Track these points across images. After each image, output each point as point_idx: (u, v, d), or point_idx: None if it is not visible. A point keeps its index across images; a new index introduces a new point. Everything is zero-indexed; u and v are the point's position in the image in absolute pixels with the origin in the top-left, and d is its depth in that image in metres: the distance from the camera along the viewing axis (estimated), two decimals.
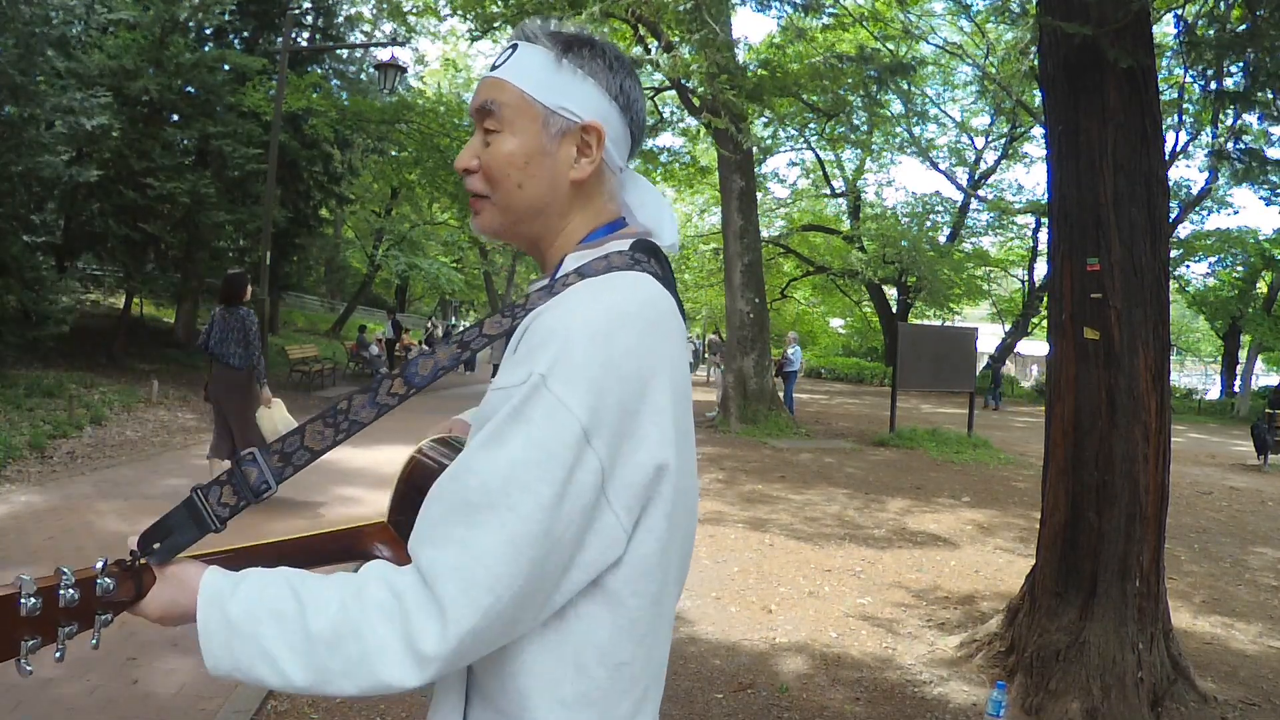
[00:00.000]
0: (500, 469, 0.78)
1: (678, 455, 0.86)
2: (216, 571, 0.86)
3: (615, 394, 0.80)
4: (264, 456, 0.89)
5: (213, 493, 0.88)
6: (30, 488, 6.19)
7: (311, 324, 27.52)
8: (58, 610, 0.83)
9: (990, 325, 33.00)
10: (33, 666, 0.83)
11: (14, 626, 0.81)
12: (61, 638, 0.85)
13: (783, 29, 11.74)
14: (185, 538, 0.88)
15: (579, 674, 0.85)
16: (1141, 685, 3.27)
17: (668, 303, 0.91)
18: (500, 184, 0.93)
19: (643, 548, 0.85)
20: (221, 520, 0.88)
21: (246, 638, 0.81)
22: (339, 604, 0.79)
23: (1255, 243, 22.71)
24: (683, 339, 0.93)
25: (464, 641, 0.77)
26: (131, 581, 0.87)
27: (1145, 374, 3.47)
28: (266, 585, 0.83)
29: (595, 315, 0.82)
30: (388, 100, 15.19)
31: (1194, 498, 8.83)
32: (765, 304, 13.95)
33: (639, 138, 0.99)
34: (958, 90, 24.11)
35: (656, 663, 0.94)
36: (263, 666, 0.80)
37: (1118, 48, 3.30)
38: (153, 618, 0.88)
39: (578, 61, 0.93)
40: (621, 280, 0.88)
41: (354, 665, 0.78)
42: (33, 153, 9.30)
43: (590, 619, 0.85)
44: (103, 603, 0.86)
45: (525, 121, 0.92)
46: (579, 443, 0.78)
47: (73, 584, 0.83)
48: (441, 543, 0.78)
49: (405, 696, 3.25)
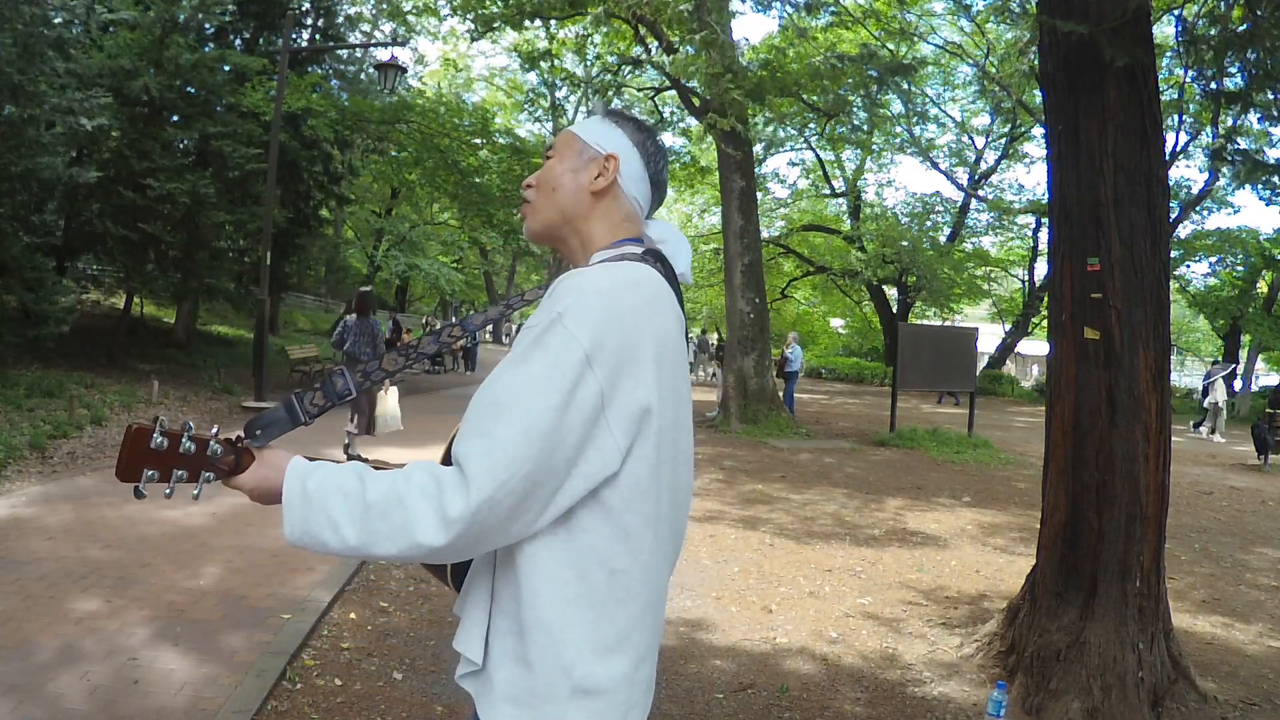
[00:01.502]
0: (522, 379, 1.00)
1: (661, 403, 1.06)
2: (300, 458, 1.09)
3: (615, 338, 1.02)
4: (349, 373, 1.17)
5: (307, 396, 1.14)
6: (31, 488, 6.18)
7: (312, 324, 27.51)
8: (177, 455, 1.05)
9: (990, 325, 33.00)
10: (147, 493, 1.05)
11: (142, 456, 1.03)
12: (174, 479, 1.06)
13: (783, 29, 11.73)
14: (281, 429, 1.13)
15: (579, 576, 1.04)
16: (1142, 685, 3.27)
17: (666, 288, 1.15)
18: (543, 188, 1.24)
19: (636, 470, 1.05)
20: (311, 416, 1.14)
21: (317, 508, 1.02)
22: (390, 483, 1.00)
23: (1255, 242, 22.68)
24: (678, 320, 1.15)
25: (482, 507, 0.96)
26: (234, 455, 1.09)
27: (1145, 374, 3.47)
28: (338, 470, 1.05)
29: (605, 280, 1.07)
30: (388, 100, 15.18)
31: (1194, 498, 8.82)
32: (765, 304, 13.94)
33: (659, 188, 1.28)
34: (958, 90, 24.14)
35: (654, 587, 1.11)
36: (327, 531, 1.01)
37: (1116, 46, 3.30)
38: (246, 489, 1.10)
39: (615, 119, 1.27)
40: (631, 265, 1.13)
41: (396, 529, 0.98)
42: (33, 153, 9.28)
43: (590, 529, 1.04)
44: (209, 463, 1.08)
45: (568, 151, 1.25)
46: (582, 364, 1.00)
47: (193, 437, 1.06)
48: (473, 436, 0.99)
49: (407, 698, 3.25)
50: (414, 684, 3.38)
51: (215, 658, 3.45)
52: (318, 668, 3.47)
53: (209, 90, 12.34)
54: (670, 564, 1.19)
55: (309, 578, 4.50)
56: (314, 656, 3.58)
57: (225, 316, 20.39)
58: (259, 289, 12.08)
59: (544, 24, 14.43)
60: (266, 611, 3.98)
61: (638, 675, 1.08)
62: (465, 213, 19.08)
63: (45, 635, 3.53)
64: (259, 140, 12.81)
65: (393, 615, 4.13)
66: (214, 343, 16.81)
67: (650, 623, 1.11)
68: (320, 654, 3.61)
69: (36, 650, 3.38)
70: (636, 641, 1.08)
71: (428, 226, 29.99)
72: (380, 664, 3.55)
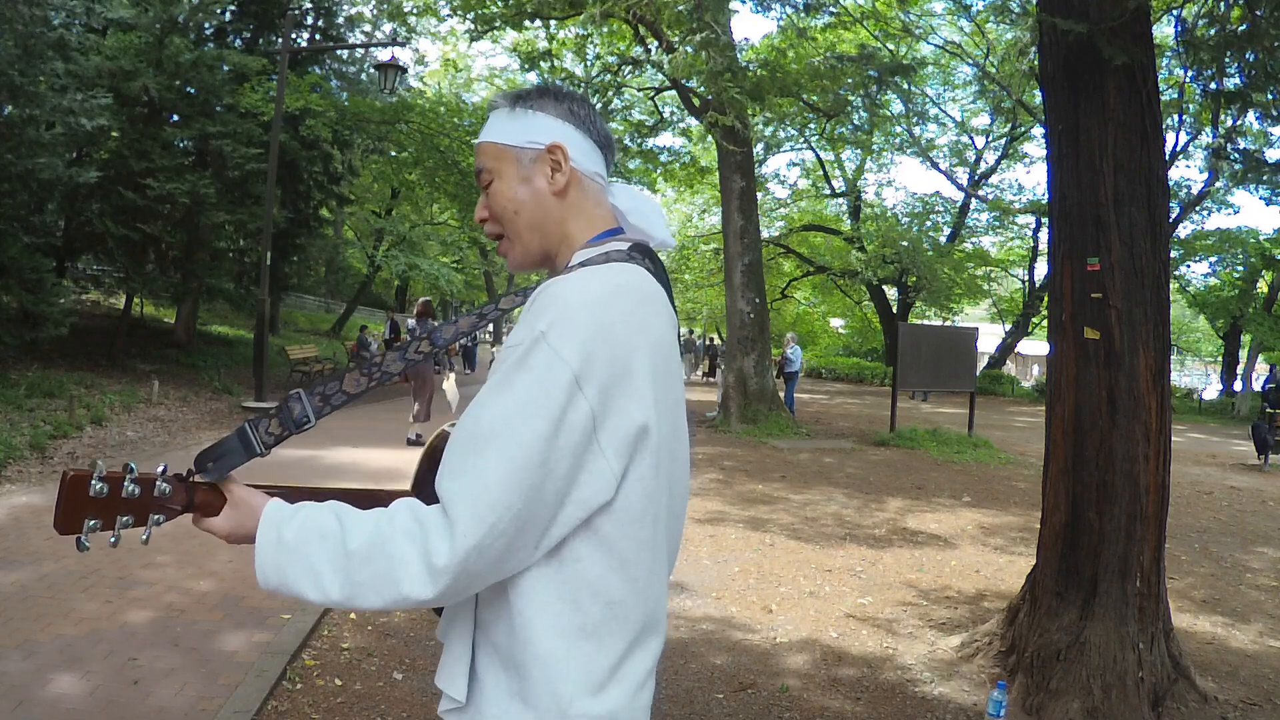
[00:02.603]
0: (505, 407, 0.92)
1: (659, 418, 0.98)
2: (278, 502, 1.01)
3: (605, 352, 0.93)
4: (307, 396, 1.06)
5: (262, 424, 1.04)
6: (31, 488, 6.19)
7: (312, 324, 27.52)
8: (120, 500, 0.96)
9: (990, 325, 32.99)
10: (90, 545, 0.96)
11: (82, 505, 0.94)
12: (119, 525, 0.97)
13: (782, 29, 11.74)
14: (235, 460, 1.03)
15: (575, 608, 0.97)
16: (1142, 685, 3.27)
17: (656, 288, 1.06)
18: (504, 217, 1.12)
19: (631, 495, 0.97)
20: (267, 446, 1.04)
21: (295, 556, 0.94)
22: (373, 527, 0.93)
23: (1255, 242, 22.68)
24: (670, 322, 1.07)
25: (470, 555, 0.89)
26: (185, 493, 1.01)
27: (1146, 374, 3.47)
28: (317, 512, 0.97)
29: (592, 287, 0.97)
30: (388, 100, 15.17)
31: (1194, 497, 8.82)
32: (766, 304, 13.95)
33: (608, 150, 1.16)
34: (958, 90, 24.13)
35: (652, 612, 1.04)
36: (306, 581, 0.94)
37: (1114, 45, 3.30)
38: (221, 534, 1.03)
39: (526, 104, 1.12)
40: (617, 266, 1.04)
41: (380, 579, 0.91)
42: (33, 153, 9.29)
43: (585, 559, 0.97)
44: (158, 505, 0.99)
45: (505, 165, 1.11)
46: (571, 386, 0.91)
47: (135, 479, 0.97)
48: (457, 473, 0.92)
49: (407, 698, 3.25)
50: (414, 684, 3.38)
51: (215, 658, 3.45)
52: (318, 668, 3.47)
53: (208, 90, 12.34)
54: (667, 576, 1.13)
55: None
56: (314, 656, 3.58)
57: (225, 316, 20.40)
58: (259, 289, 12.07)
59: (544, 24, 14.42)
60: (266, 611, 3.98)
61: (637, 702, 1.03)
62: (465, 213, 19.08)
63: (45, 635, 3.53)
64: (259, 140, 12.81)
65: (393, 615, 4.13)
66: (214, 343, 16.81)
67: (649, 643, 1.05)
68: (320, 654, 3.61)
69: (36, 650, 3.38)
70: (635, 668, 1.02)
71: (428, 226, 29.97)
72: (380, 664, 3.55)
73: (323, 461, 7.82)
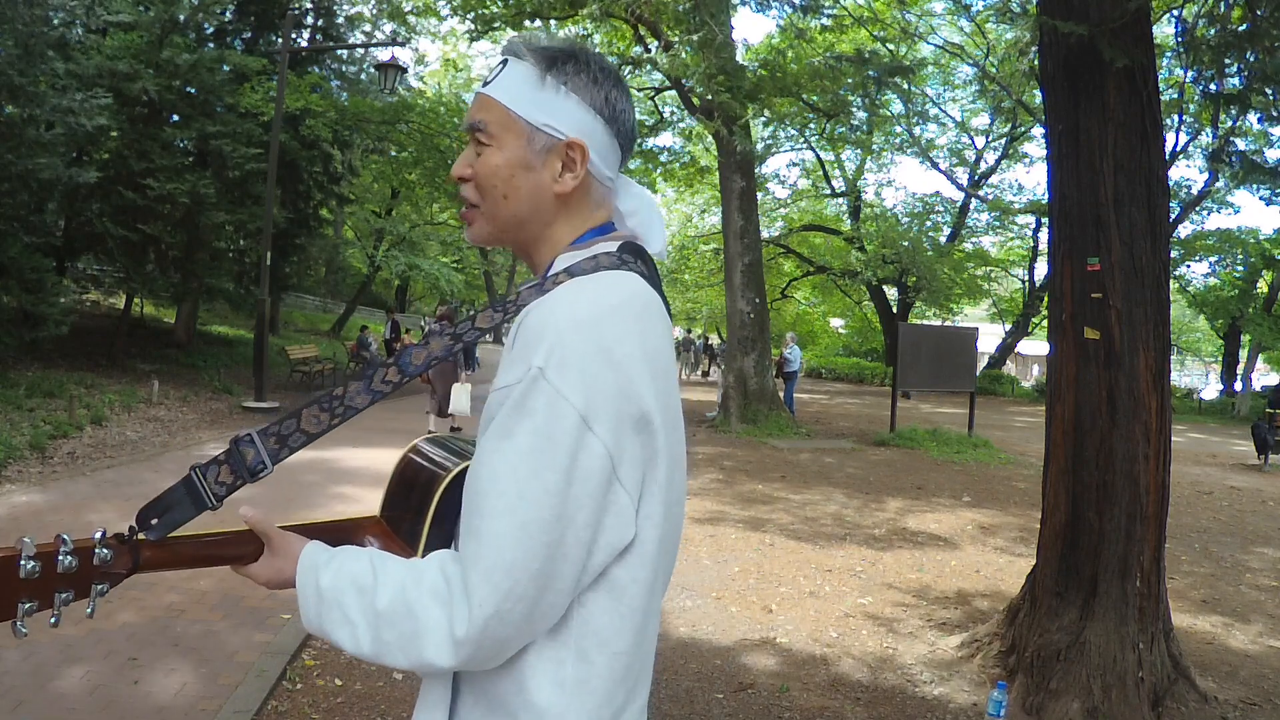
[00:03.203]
0: (509, 461, 0.83)
1: (668, 443, 0.90)
2: (316, 545, 0.95)
3: (609, 383, 0.84)
4: (261, 439, 0.93)
5: (210, 471, 0.92)
6: (31, 488, 6.19)
7: (311, 324, 27.52)
8: (56, 576, 0.85)
9: (990, 325, 33.01)
10: (28, 630, 0.84)
11: (13, 589, 0.83)
12: (58, 604, 0.86)
13: (782, 30, 11.74)
14: (182, 514, 0.93)
15: (579, 659, 0.89)
16: (1142, 685, 3.27)
17: (652, 297, 0.95)
18: (488, 194, 0.97)
19: (643, 534, 0.89)
20: (218, 498, 0.93)
21: (331, 605, 0.89)
22: (400, 585, 0.86)
23: (1255, 243, 22.70)
24: (667, 330, 0.97)
25: (489, 624, 0.82)
26: (129, 554, 0.89)
27: (1146, 374, 3.47)
28: (353, 560, 0.91)
29: (584, 308, 0.86)
30: (388, 100, 15.18)
31: (1194, 497, 8.82)
32: (766, 304, 13.95)
33: (628, 147, 1.02)
34: (958, 90, 24.14)
35: (646, 654, 0.98)
36: (343, 631, 0.88)
37: (1115, 47, 3.30)
38: (260, 581, 0.98)
39: (561, 77, 0.95)
40: (608, 277, 0.92)
41: (407, 641, 0.85)
42: (33, 153, 9.29)
43: (592, 606, 0.89)
44: (100, 573, 0.88)
45: (511, 137, 0.95)
46: (579, 429, 0.82)
47: (71, 551, 0.85)
48: (468, 535, 0.84)
49: (407, 698, 3.25)
50: (414, 684, 3.38)
51: (215, 658, 3.45)
52: (318, 668, 3.47)
53: (208, 90, 12.35)
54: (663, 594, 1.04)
55: None
56: (314, 656, 3.58)
57: (225, 316, 20.40)
58: (259, 289, 12.07)
59: (544, 24, 14.43)
60: (266, 611, 3.98)
61: None
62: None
63: (47, 635, 3.54)
64: (259, 140, 12.81)
65: None
66: (214, 343, 16.81)
67: (643, 685, 0.98)
68: (320, 654, 3.61)
69: (37, 650, 3.38)
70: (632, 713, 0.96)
71: (428, 226, 29.99)
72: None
73: (336, 465, 7.80)
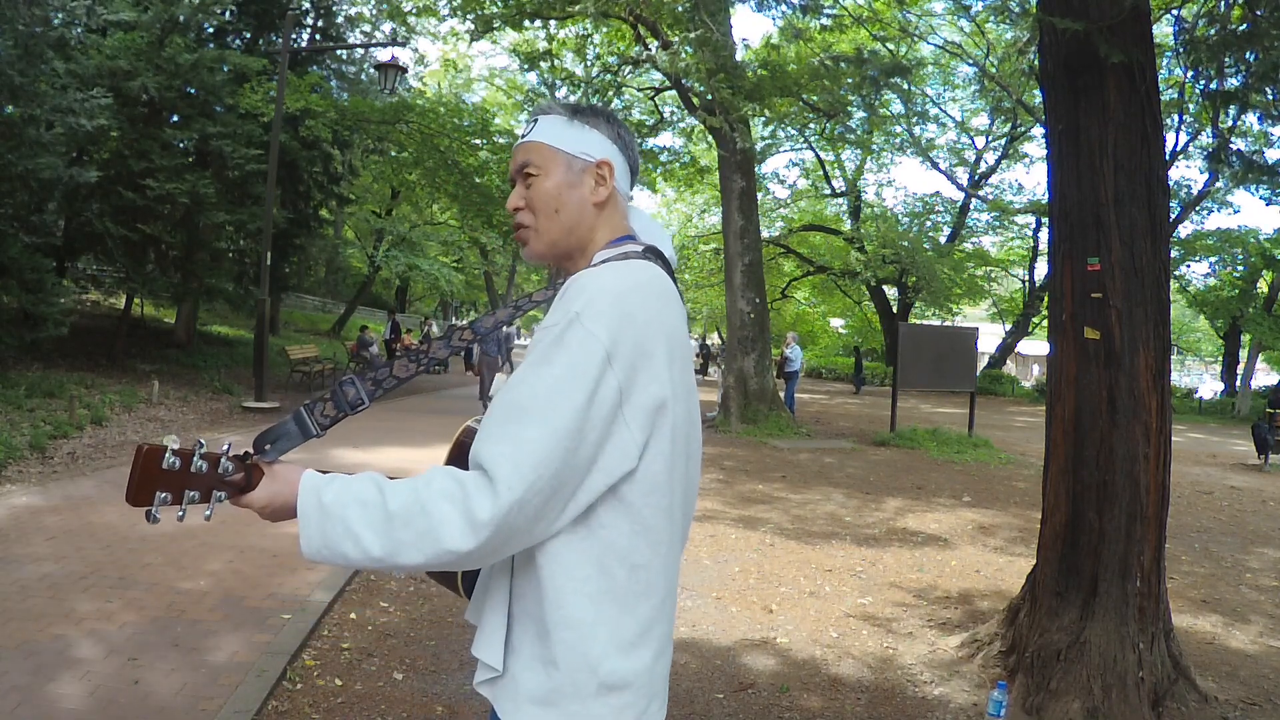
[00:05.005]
0: (546, 381, 1.01)
1: (674, 398, 1.09)
2: (314, 471, 1.06)
3: (630, 335, 1.03)
4: (360, 381, 1.12)
5: (317, 407, 1.10)
6: (31, 488, 6.19)
7: (311, 324, 27.52)
8: (190, 475, 1.01)
9: (990, 325, 33.02)
10: (160, 517, 0.99)
11: (154, 478, 0.98)
12: (185, 500, 1.01)
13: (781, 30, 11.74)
14: (292, 442, 1.09)
15: (602, 572, 1.05)
16: (1142, 685, 3.27)
17: (670, 285, 1.17)
18: (542, 212, 1.21)
19: (653, 465, 1.07)
20: (322, 428, 1.10)
21: (336, 519, 1.00)
22: (412, 489, 0.99)
23: (1255, 242, 22.70)
24: (682, 316, 1.17)
25: (511, 510, 0.96)
26: (244, 472, 1.06)
27: (1146, 374, 3.47)
28: (354, 480, 1.03)
29: (616, 280, 1.08)
30: (388, 100, 15.17)
31: (1194, 497, 8.82)
32: (766, 304, 13.94)
33: (636, 173, 1.31)
34: (958, 90, 24.15)
35: (671, 580, 1.13)
36: (347, 543, 0.99)
37: (1112, 44, 3.30)
38: (258, 506, 1.07)
39: (584, 119, 1.23)
40: (637, 264, 1.14)
41: (421, 536, 0.97)
42: (33, 153, 9.28)
43: (610, 526, 1.06)
44: (221, 482, 1.04)
45: (555, 166, 1.21)
46: (603, 363, 1.01)
47: (204, 455, 1.02)
48: (498, 439, 0.99)
49: (407, 697, 3.25)
50: (414, 684, 3.38)
51: (216, 657, 3.45)
52: (318, 668, 3.47)
53: (208, 91, 12.34)
54: (683, 546, 1.21)
55: (309, 578, 4.50)
56: (314, 657, 3.58)
57: (225, 316, 20.39)
58: (259, 289, 12.07)
59: (544, 24, 14.43)
60: (267, 612, 3.98)
61: (658, 666, 1.10)
62: (465, 213, 19.07)
63: (45, 635, 3.53)
64: (259, 140, 12.81)
65: (393, 615, 4.13)
66: (214, 343, 16.81)
67: (668, 613, 1.13)
68: (321, 654, 3.61)
69: (36, 650, 3.38)
70: (657, 634, 1.10)
71: (428, 226, 29.98)
72: (380, 664, 3.55)
73: (336, 465, 7.80)
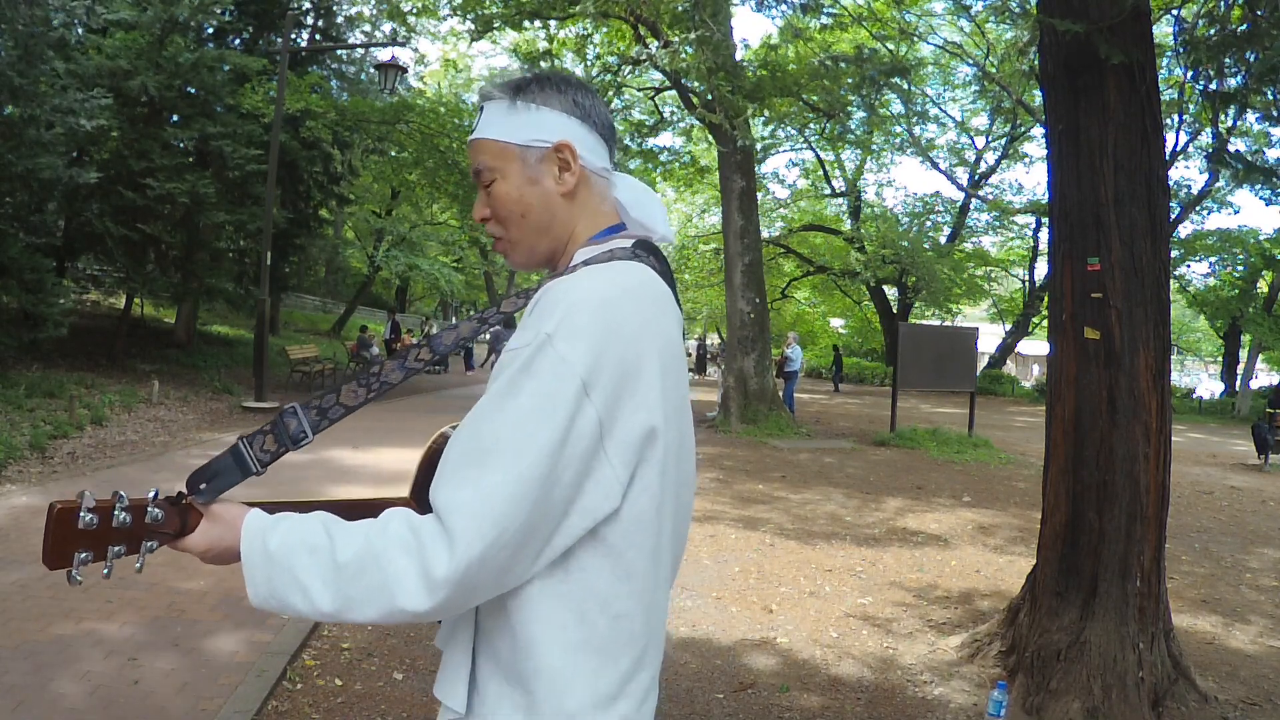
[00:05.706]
0: (511, 416, 0.88)
1: (666, 422, 0.95)
2: (258, 512, 0.96)
3: (613, 355, 0.90)
4: (303, 411, 0.99)
5: (256, 440, 0.98)
6: (31, 488, 6.19)
7: (311, 324, 27.51)
8: (111, 530, 0.92)
9: (990, 325, 33.01)
10: (82, 578, 0.91)
11: (72, 538, 0.89)
12: (110, 556, 0.93)
13: (781, 29, 11.75)
14: (229, 480, 0.98)
15: (581, 621, 0.94)
16: (1142, 685, 3.27)
17: (662, 287, 1.03)
18: (508, 220, 1.07)
19: (638, 504, 0.94)
20: (262, 464, 0.98)
21: (283, 569, 0.90)
22: (364, 538, 0.88)
23: (1255, 242, 22.71)
24: (677, 321, 1.04)
25: (470, 567, 0.85)
26: (178, 517, 0.96)
27: (1146, 373, 3.47)
28: (301, 523, 0.92)
29: (598, 287, 0.93)
30: (388, 100, 15.17)
31: (1194, 497, 8.82)
32: (766, 304, 13.95)
33: (611, 138, 1.11)
34: (958, 90, 24.12)
35: (655, 628, 1.01)
36: (295, 595, 0.89)
37: (1112, 44, 3.30)
38: (197, 552, 0.97)
39: (529, 98, 1.05)
40: (623, 265, 0.99)
41: (374, 592, 0.87)
42: (33, 153, 9.28)
43: (591, 570, 0.94)
44: (150, 530, 0.94)
45: (508, 163, 1.05)
46: (579, 394, 0.88)
47: (126, 507, 0.92)
48: (457, 484, 0.87)
49: (407, 697, 3.25)
50: (414, 684, 3.38)
51: (215, 658, 3.46)
52: (318, 668, 3.47)
53: (208, 90, 12.34)
54: (671, 585, 1.10)
55: None
56: (314, 657, 3.58)
57: (225, 316, 20.39)
58: (259, 289, 12.07)
59: (544, 24, 14.43)
60: (267, 612, 3.98)
61: (641, 713, 1.00)
62: (465, 213, 19.09)
63: (45, 635, 3.54)
64: (259, 140, 12.81)
65: None
66: (214, 343, 16.81)
67: (652, 659, 1.03)
68: (320, 654, 3.61)
69: (36, 650, 3.38)
70: (641, 681, 0.99)
71: (428, 226, 29.97)
72: (380, 664, 3.55)
73: (336, 464, 7.81)
